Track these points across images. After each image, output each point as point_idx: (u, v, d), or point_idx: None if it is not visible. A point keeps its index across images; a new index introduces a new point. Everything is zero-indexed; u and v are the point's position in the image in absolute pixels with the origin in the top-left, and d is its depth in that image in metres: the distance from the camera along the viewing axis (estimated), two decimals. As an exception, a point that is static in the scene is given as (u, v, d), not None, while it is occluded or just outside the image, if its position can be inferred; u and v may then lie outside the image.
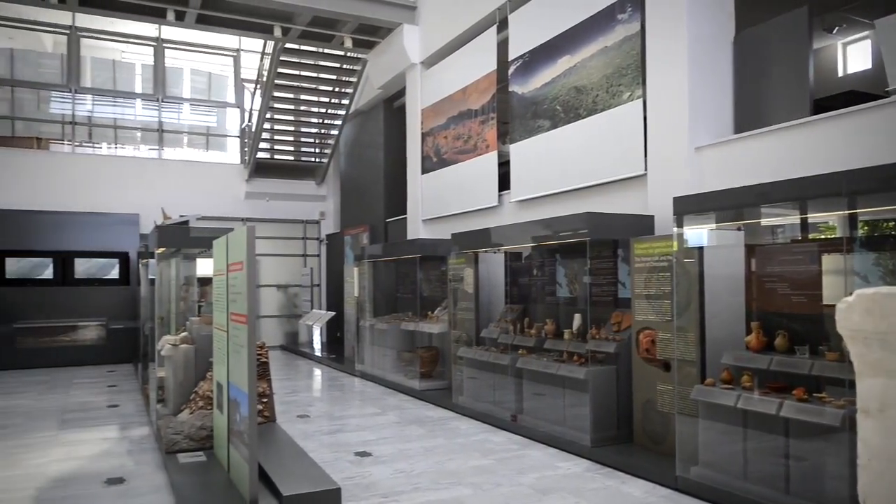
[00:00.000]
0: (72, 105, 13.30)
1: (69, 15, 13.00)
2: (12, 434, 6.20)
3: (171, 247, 6.84)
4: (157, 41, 13.96)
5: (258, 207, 14.12)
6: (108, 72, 13.85)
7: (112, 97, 13.79)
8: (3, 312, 11.31)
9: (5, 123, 12.92)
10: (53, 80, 13.26)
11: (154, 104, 13.98)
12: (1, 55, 13.00)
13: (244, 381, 3.91)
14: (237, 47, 14.65)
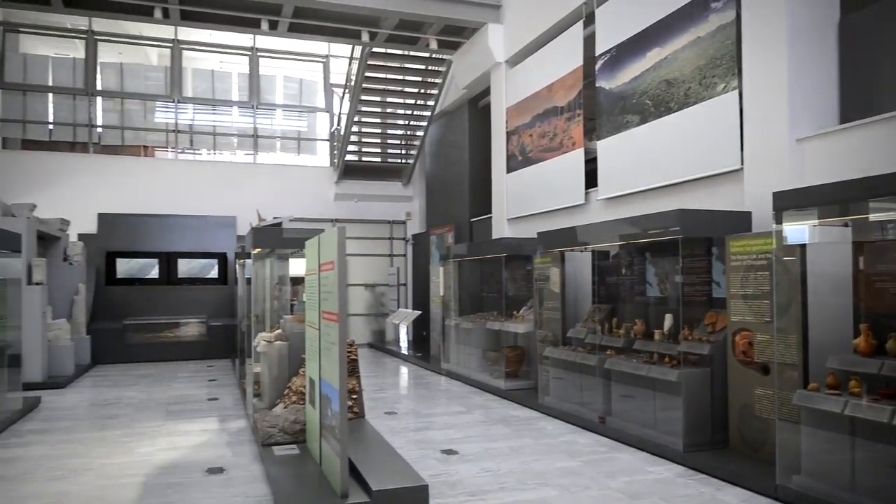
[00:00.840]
0: (175, 114, 14.10)
1: (172, 29, 13.80)
2: (123, 424, 6.63)
3: (266, 247, 7.12)
4: (251, 51, 14.59)
5: (347, 208, 14.50)
6: (208, 82, 14.58)
7: (211, 106, 14.51)
8: (113, 310, 12.15)
9: (115, 133, 13.84)
10: (158, 92, 14.10)
11: (249, 111, 14.61)
12: (112, 69, 13.93)
13: (335, 378, 4.02)
14: (326, 53, 15.10)
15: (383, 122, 13.67)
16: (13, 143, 13.33)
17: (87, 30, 13.59)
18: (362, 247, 14.55)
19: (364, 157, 14.31)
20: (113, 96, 13.80)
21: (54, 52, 14.09)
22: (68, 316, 10.81)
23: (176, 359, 11.86)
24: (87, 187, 12.93)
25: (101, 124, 13.74)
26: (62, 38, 13.99)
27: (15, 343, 7.38)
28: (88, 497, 4.34)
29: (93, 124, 13.55)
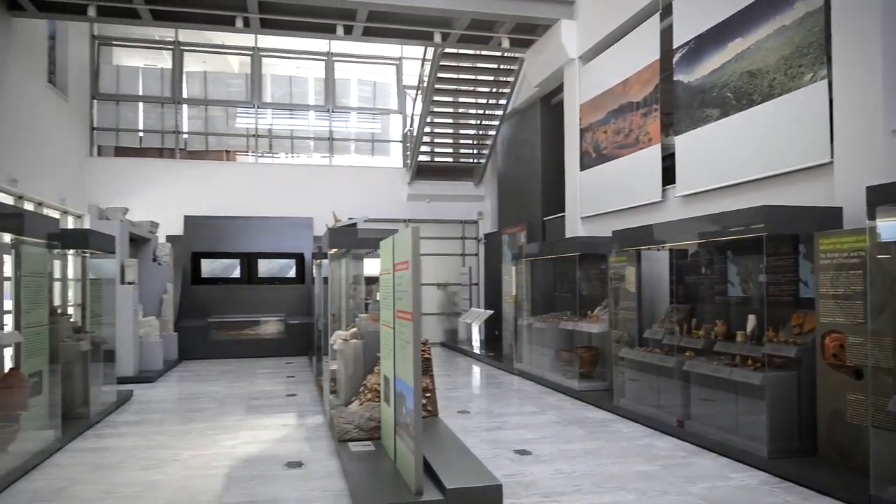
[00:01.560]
0: (255, 119, 14.60)
1: (252, 38, 14.32)
2: (207, 417, 6.91)
3: (342, 248, 7.26)
4: (327, 55, 14.94)
5: (419, 209, 14.64)
6: (286, 87, 15.03)
7: (288, 110, 14.95)
8: (198, 308, 12.69)
9: (200, 139, 14.46)
10: (239, 98, 14.63)
11: (325, 114, 14.98)
12: (197, 78, 14.56)
13: (410, 376, 4.06)
14: (399, 56, 15.30)
15: (455, 122, 13.73)
16: (107, 151, 14.13)
17: (173, 41, 14.26)
18: (435, 247, 14.66)
19: (436, 157, 14.42)
20: (198, 103, 14.42)
21: (144, 63, 14.86)
22: (157, 314, 11.37)
23: (256, 355, 12.28)
24: (174, 191, 13.56)
25: (187, 131, 14.38)
26: (151, 49, 14.74)
27: (110, 339, 7.82)
28: (176, 487, 4.54)
29: (179, 131, 14.20)
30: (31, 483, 4.66)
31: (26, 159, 10.19)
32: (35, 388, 5.33)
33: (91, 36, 13.63)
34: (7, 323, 8.16)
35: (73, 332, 6.80)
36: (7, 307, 8.40)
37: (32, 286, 5.32)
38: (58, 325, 6.07)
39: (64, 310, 8.07)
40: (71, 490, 4.49)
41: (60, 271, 10.11)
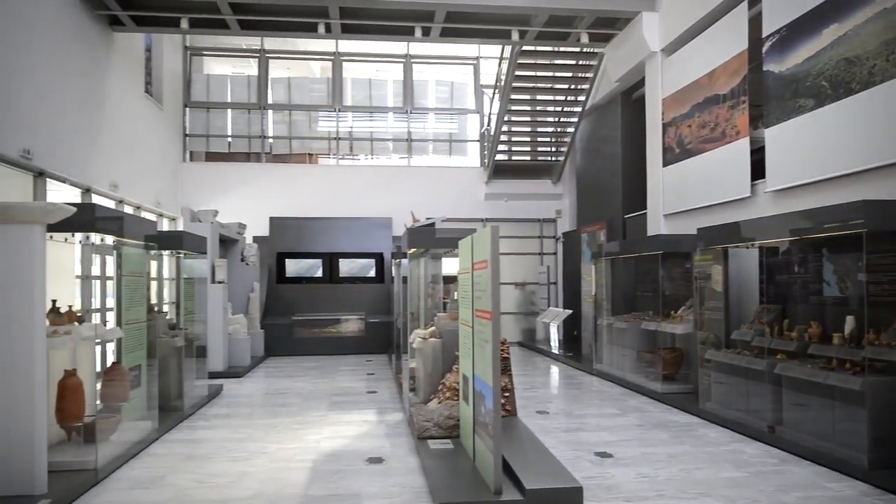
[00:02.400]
0: (336, 122, 14.97)
1: (333, 43, 14.69)
2: (293, 412, 7.14)
3: (421, 247, 7.34)
4: (405, 58, 15.14)
5: (497, 208, 14.61)
6: (365, 90, 15.32)
7: (368, 113, 15.24)
8: (283, 306, 13.12)
9: (284, 143, 14.95)
10: (321, 102, 15.04)
11: (403, 116, 15.18)
12: (281, 84, 15.06)
13: (489, 375, 4.06)
14: (476, 55, 15.32)
15: (533, 120, 13.63)
16: (198, 156, 14.82)
17: (259, 49, 14.80)
18: (512, 245, 14.60)
19: (514, 156, 14.36)
20: (282, 109, 14.91)
21: (232, 71, 15.50)
22: (245, 312, 11.83)
23: (337, 353, 12.58)
24: (260, 193, 14.09)
25: (272, 135, 14.90)
26: (239, 58, 15.37)
27: (202, 336, 8.19)
28: (264, 478, 4.71)
29: (265, 135, 14.73)
30: (131, 470, 4.94)
31: (126, 165, 10.82)
32: (134, 382, 5.65)
33: (183, 47, 14.34)
34: (109, 320, 8.69)
35: (169, 329, 7.17)
36: (109, 305, 8.95)
37: (132, 285, 5.64)
38: (155, 322, 6.41)
39: (160, 307, 8.52)
40: (167, 478, 4.73)
41: (157, 271, 10.67)
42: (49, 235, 4.37)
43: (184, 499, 4.28)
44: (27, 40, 7.84)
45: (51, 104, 8.39)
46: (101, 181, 9.81)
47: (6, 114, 7.33)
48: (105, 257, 8.03)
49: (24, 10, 7.79)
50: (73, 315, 4.96)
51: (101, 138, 9.88)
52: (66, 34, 8.88)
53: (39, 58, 8.13)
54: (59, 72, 8.64)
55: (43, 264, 4.20)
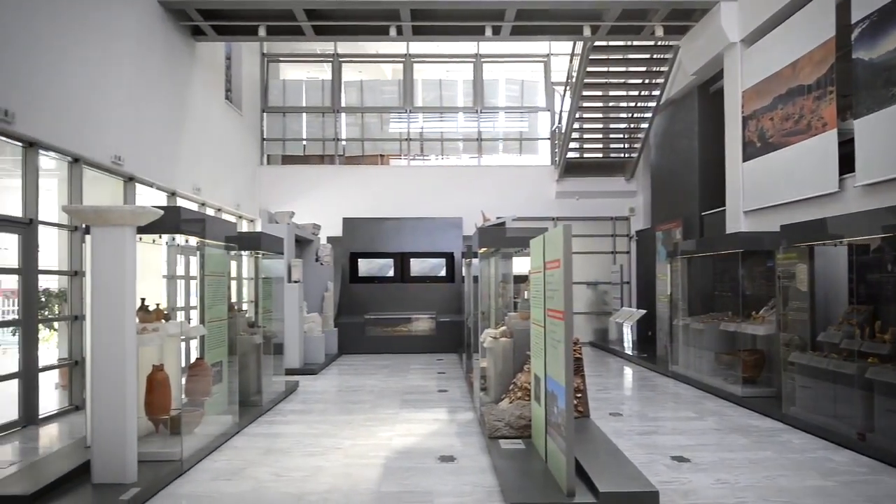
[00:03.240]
0: (407, 124, 15.14)
1: (404, 45, 14.87)
2: (365, 409, 7.26)
3: (491, 247, 7.33)
4: (475, 57, 15.16)
5: (568, 206, 14.44)
6: (436, 91, 15.44)
7: (439, 113, 15.34)
8: (356, 305, 13.37)
9: (357, 144, 15.24)
10: (392, 104, 15.25)
11: (474, 116, 15.20)
12: (354, 87, 15.36)
13: (561, 376, 4.02)
14: (547, 52, 15.18)
15: (605, 116, 13.39)
16: (275, 159, 15.29)
17: (332, 53, 15.14)
18: (584, 244, 14.38)
19: (586, 153, 14.15)
20: (354, 111, 15.21)
21: (307, 76, 15.91)
22: (319, 310, 12.13)
23: (409, 351, 12.72)
24: (333, 195, 14.41)
25: (345, 137, 15.21)
26: (313, 63, 15.77)
27: (279, 334, 8.45)
28: (338, 473, 4.82)
29: (338, 138, 15.06)
30: (213, 462, 5.15)
31: (207, 170, 11.27)
32: (216, 377, 5.88)
33: (261, 54, 14.83)
34: (192, 318, 9.09)
35: (248, 327, 7.43)
36: (193, 303, 9.35)
37: (214, 284, 5.87)
38: (235, 319, 6.65)
39: (240, 306, 8.85)
40: (247, 471, 4.90)
41: (236, 271, 11.08)
42: (139, 237, 4.60)
43: (263, 491, 4.43)
44: (117, 52, 8.29)
45: (139, 113, 8.84)
46: (185, 185, 10.26)
47: (99, 123, 7.77)
48: (189, 258, 8.39)
49: (115, 24, 8.23)
50: (160, 313, 5.21)
51: (184, 144, 10.34)
52: (152, 46, 9.33)
53: (128, 69, 8.57)
54: (146, 82, 9.09)
55: (133, 264, 4.43)
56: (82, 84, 7.45)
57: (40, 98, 6.64)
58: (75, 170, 7.38)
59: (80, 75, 7.42)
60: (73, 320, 7.31)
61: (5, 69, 6.11)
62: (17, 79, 6.29)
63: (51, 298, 7.69)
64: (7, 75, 6.13)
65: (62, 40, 7.07)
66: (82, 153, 7.37)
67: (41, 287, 6.90)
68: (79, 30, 7.40)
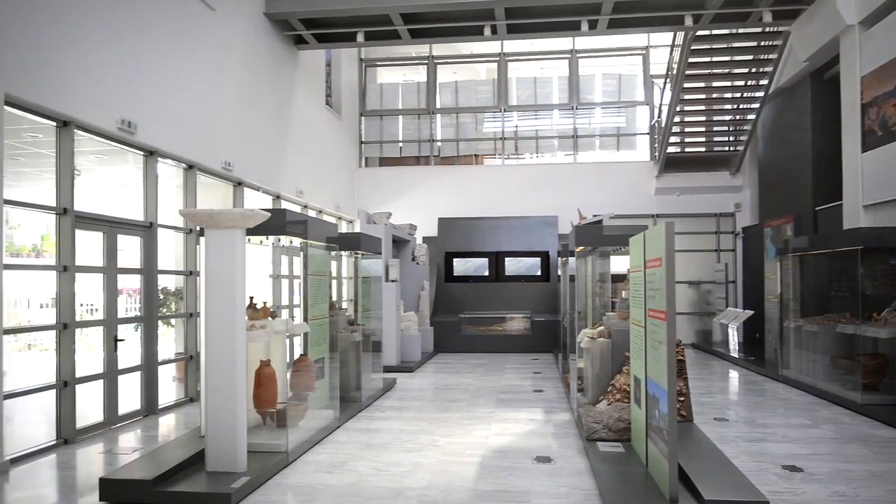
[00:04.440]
0: (501, 123, 15.13)
1: (498, 44, 14.87)
2: (461, 407, 7.32)
3: (588, 245, 7.21)
4: (571, 53, 14.94)
5: (668, 203, 13.97)
6: (530, 89, 15.33)
7: (533, 111, 15.23)
8: (451, 304, 13.49)
9: (451, 145, 15.38)
10: (487, 104, 15.28)
11: (569, 112, 14.98)
12: (448, 88, 15.51)
13: (663, 378, 3.90)
14: (645, 45, 14.74)
15: (708, 108, 12.86)
16: (372, 161, 15.68)
17: (427, 56, 15.35)
18: (686, 242, 13.86)
19: (687, 147, 13.63)
20: (449, 112, 15.36)
21: (403, 78, 16.21)
22: (416, 309, 12.33)
23: (503, 350, 12.70)
24: (429, 195, 14.62)
25: (440, 138, 15.39)
26: (408, 65, 16.04)
27: (377, 332, 8.65)
28: (435, 470, 4.88)
29: (433, 139, 15.26)
30: (316, 455, 5.34)
31: (309, 173, 11.71)
32: (319, 373, 6.10)
33: (359, 59, 15.26)
34: (296, 315, 9.47)
35: (348, 325, 7.66)
36: (296, 302, 9.75)
37: (316, 283, 6.10)
38: (336, 317, 6.87)
39: (340, 304, 9.14)
40: (349, 464, 5.06)
41: (336, 270, 11.45)
42: (247, 238, 4.84)
43: (364, 485, 4.56)
44: (227, 64, 8.75)
45: (247, 120, 9.30)
46: (289, 188, 10.70)
47: (211, 131, 8.24)
48: (293, 258, 8.74)
49: (226, 38, 8.70)
50: (267, 311, 5.47)
51: (288, 149, 10.78)
52: (259, 56, 9.79)
53: (237, 79, 9.04)
54: (253, 91, 9.55)
55: (243, 264, 4.67)
56: (196, 95, 7.93)
57: (159, 110, 7.12)
58: (190, 176, 7.86)
59: (195, 87, 7.89)
60: (188, 317, 7.79)
61: (129, 84, 6.59)
62: (139, 92, 6.77)
63: (168, 297, 8.22)
64: (130, 90, 6.61)
65: (179, 55, 7.54)
66: (196, 160, 7.84)
67: (160, 286, 7.40)
68: (194, 45, 7.88)
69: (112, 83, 6.35)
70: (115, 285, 6.50)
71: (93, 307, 6.80)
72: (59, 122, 5.81)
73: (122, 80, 6.50)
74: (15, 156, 6.43)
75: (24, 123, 5.75)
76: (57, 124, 5.81)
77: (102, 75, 6.22)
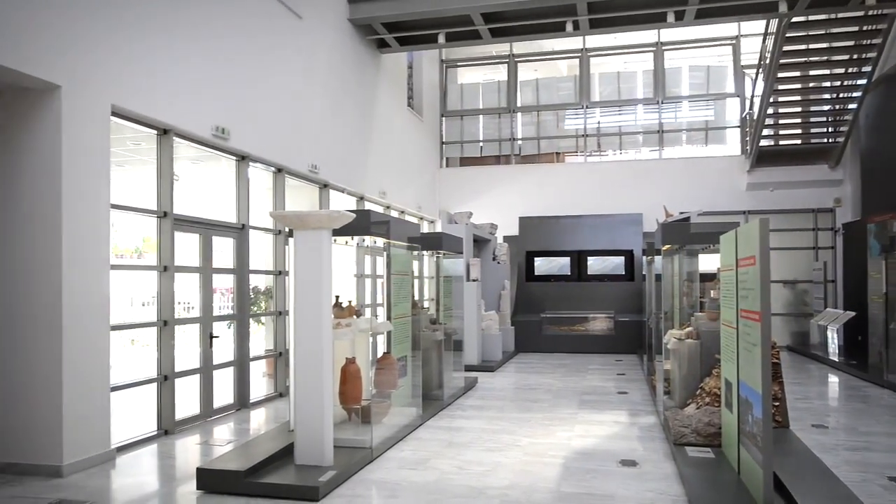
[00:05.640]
0: (583, 119, 14.89)
1: (580, 40, 14.64)
2: (543, 408, 7.25)
3: (675, 243, 7.00)
4: (656, 46, 14.52)
5: (761, 198, 13.36)
6: (613, 84, 15.02)
7: (617, 107, 14.91)
8: (532, 304, 13.40)
9: (532, 143, 15.27)
10: (568, 101, 15.08)
11: (654, 107, 14.57)
12: (529, 86, 15.41)
13: (757, 382, 3.74)
14: (736, 34, 14.14)
15: (805, 99, 12.20)
16: (453, 161, 15.77)
17: (508, 54, 15.30)
18: (781, 240, 13.20)
19: (781, 140, 13.00)
20: (530, 110, 15.25)
21: (483, 78, 16.23)
22: (496, 308, 12.31)
23: (586, 351, 12.50)
24: (509, 194, 14.57)
25: (521, 137, 15.30)
26: (489, 65, 16.04)
27: (458, 331, 8.70)
28: (517, 470, 4.86)
29: (514, 138, 15.19)
30: (399, 452, 5.43)
31: (391, 174, 11.91)
32: (402, 371, 6.20)
33: (440, 61, 15.39)
34: (378, 314, 9.65)
35: (430, 324, 7.74)
36: (379, 301, 9.94)
37: (399, 283, 6.19)
38: (418, 316, 6.96)
39: (422, 304, 9.25)
40: (431, 462, 5.11)
41: (418, 269, 11.58)
42: (333, 239, 4.97)
43: (446, 482, 4.59)
44: (314, 70, 9.02)
45: (332, 124, 9.56)
46: (372, 189, 10.92)
47: (299, 135, 8.51)
48: (376, 257, 8.92)
49: (312, 45, 8.97)
50: (352, 309, 5.60)
51: (371, 151, 11.00)
52: (343, 62, 10.04)
53: (323, 85, 9.30)
54: (338, 95, 9.80)
55: (330, 264, 4.81)
56: (285, 101, 8.21)
57: (250, 116, 7.42)
58: (278, 179, 8.15)
59: (283, 94, 8.18)
60: (277, 315, 8.08)
61: (222, 93, 6.91)
62: (232, 100, 7.08)
63: (259, 295, 8.56)
64: (223, 98, 6.92)
65: (269, 64, 7.84)
66: (284, 164, 8.12)
67: (251, 285, 7.71)
68: (282, 53, 8.16)
69: (207, 92, 6.67)
70: (210, 284, 6.83)
71: (189, 305, 7.16)
72: (160, 130, 6.16)
73: (217, 89, 6.82)
74: (119, 163, 6.87)
75: (128, 132, 6.12)
76: (157, 132, 6.16)
77: (199, 85, 6.54)
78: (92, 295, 5.11)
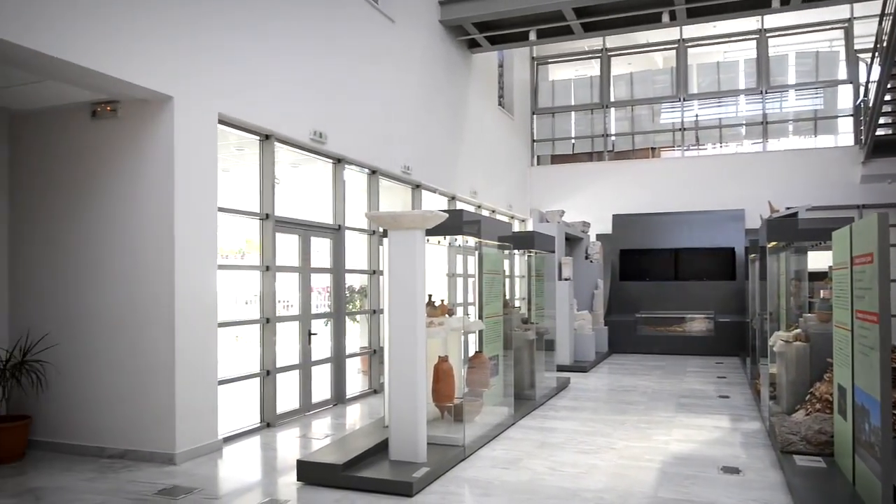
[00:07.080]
0: (680, 113, 14.37)
1: (677, 31, 14.13)
2: (639, 410, 7.06)
3: (782, 240, 6.63)
4: (759, 33, 13.82)
5: (877, 192, 12.44)
6: (712, 75, 14.41)
7: (716, 99, 14.29)
8: (626, 303, 13.06)
9: (626, 139, 14.88)
10: (664, 94, 14.59)
11: (757, 97, 13.87)
12: (623, 80, 15.04)
13: (875, 387, 3.49)
14: (848, 17, 13.23)
15: (927, 84, 11.25)
16: (544, 159, 15.61)
17: (601, 49, 14.99)
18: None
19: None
20: (624, 105, 14.88)
21: (575, 74, 15.98)
22: (589, 308, 12.09)
23: (683, 353, 12.06)
24: (602, 191, 14.27)
25: (614, 132, 14.95)
26: (580, 60, 15.77)
27: (550, 330, 8.61)
28: (612, 473, 4.76)
29: (607, 133, 14.86)
30: (491, 451, 5.43)
31: (482, 173, 11.93)
32: (494, 370, 6.20)
33: (531, 58, 15.27)
34: (469, 313, 9.68)
35: (522, 323, 7.70)
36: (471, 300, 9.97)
37: (490, 282, 6.20)
38: (510, 316, 6.94)
39: (513, 303, 9.20)
40: (524, 462, 5.08)
41: (509, 268, 11.54)
42: (426, 238, 5.04)
43: (539, 483, 4.56)
44: (406, 73, 9.18)
45: (423, 125, 9.68)
46: (463, 189, 10.98)
47: (391, 137, 8.68)
48: (467, 257, 8.95)
49: (405, 47, 9.13)
50: (444, 308, 5.65)
51: (462, 151, 11.07)
52: (435, 63, 10.15)
53: (415, 87, 9.44)
54: (429, 96, 9.92)
55: (423, 263, 4.87)
56: (378, 104, 8.40)
57: (346, 120, 7.63)
58: (373, 180, 8.34)
59: (377, 97, 8.37)
60: (371, 314, 8.27)
61: (319, 98, 7.14)
62: (328, 105, 7.31)
63: (354, 294, 8.80)
64: (320, 103, 7.16)
65: (363, 67, 8.03)
66: (378, 165, 8.30)
67: (347, 284, 7.93)
68: (376, 57, 8.35)
69: (305, 98, 6.91)
70: (308, 283, 7.08)
71: (289, 303, 7.45)
72: (262, 136, 6.44)
73: (314, 95, 7.06)
74: (224, 168, 7.24)
75: (232, 138, 6.44)
76: (260, 138, 6.44)
77: (297, 91, 6.79)
78: (201, 294, 5.41)
